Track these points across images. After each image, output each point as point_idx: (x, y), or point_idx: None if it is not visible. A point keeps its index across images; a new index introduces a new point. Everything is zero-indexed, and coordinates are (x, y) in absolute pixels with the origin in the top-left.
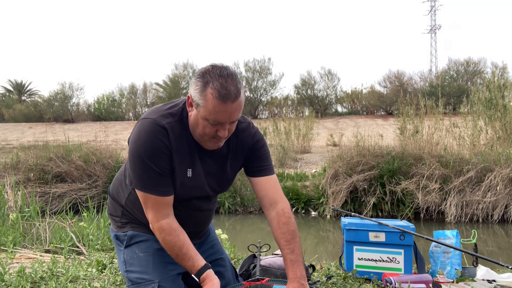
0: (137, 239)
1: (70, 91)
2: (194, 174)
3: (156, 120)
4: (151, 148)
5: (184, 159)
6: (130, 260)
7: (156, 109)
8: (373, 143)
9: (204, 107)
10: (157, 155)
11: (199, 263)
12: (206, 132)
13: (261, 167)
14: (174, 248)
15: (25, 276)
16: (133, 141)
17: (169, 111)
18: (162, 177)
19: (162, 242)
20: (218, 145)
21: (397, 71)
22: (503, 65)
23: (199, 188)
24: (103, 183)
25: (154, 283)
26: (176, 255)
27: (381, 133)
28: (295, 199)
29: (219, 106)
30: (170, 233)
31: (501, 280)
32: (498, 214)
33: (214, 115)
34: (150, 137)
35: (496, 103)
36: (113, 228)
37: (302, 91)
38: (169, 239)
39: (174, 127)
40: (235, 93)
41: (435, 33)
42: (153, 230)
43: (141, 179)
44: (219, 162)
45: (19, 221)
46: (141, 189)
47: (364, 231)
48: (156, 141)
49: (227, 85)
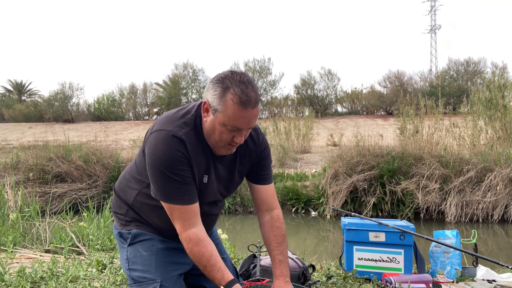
0: (141, 237)
1: (70, 91)
2: (209, 180)
3: (172, 132)
4: (170, 159)
5: (201, 167)
6: (133, 258)
7: (169, 118)
8: (373, 143)
9: (223, 112)
10: (176, 165)
11: (229, 275)
12: (222, 138)
13: (264, 175)
14: (202, 259)
15: (25, 276)
16: (151, 153)
17: (183, 120)
18: (185, 186)
19: (190, 253)
20: (231, 151)
21: (397, 71)
22: (503, 65)
23: (211, 193)
24: (103, 183)
25: (156, 282)
26: (204, 266)
27: (381, 133)
28: (295, 199)
29: (239, 112)
30: (198, 244)
31: (501, 280)
32: (498, 214)
33: (234, 121)
34: (168, 148)
35: (496, 103)
36: (117, 226)
37: (302, 91)
38: (197, 249)
39: (190, 137)
40: (255, 99)
41: (435, 33)
42: (181, 240)
43: (164, 191)
44: (228, 167)
45: (19, 221)
46: (165, 200)
47: (364, 231)
48: (174, 152)
49: (247, 91)
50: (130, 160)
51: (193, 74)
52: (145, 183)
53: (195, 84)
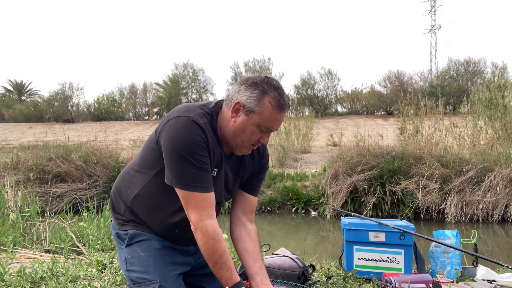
0: (138, 238)
1: (70, 91)
2: (218, 175)
3: (194, 118)
4: (191, 143)
5: (214, 159)
6: (131, 259)
7: (188, 107)
8: (373, 143)
9: (260, 114)
10: (197, 150)
11: (237, 277)
12: (252, 138)
13: (257, 187)
14: (215, 254)
15: (25, 276)
16: (171, 138)
17: (202, 111)
18: (204, 173)
19: (203, 246)
20: (249, 152)
21: (397, 71)
22: (503, 65)
23: (218, 189)
24: (103, 183)
25: (155, 283)
26: (215, 262)
27: (381, 133)
28: (295, 199)
29: (275, 115)
30: (214, 237)
31: (501, 280)
32: (498, 214)
33: (269, 123)
34: (189, 133)
35: (496, 103)
36: (115, 225)
37: (302, 91)
38: (212, 243)
39: (207, 127)
40: (289, 104)
41: (435, 33)
42: (195, 232)
43: (182, 176)
44: (234, 169)
45: (19, 221)
46: (183, 187)
47: (364, 231)
48: (195, 136)
49: (283, 96)
50: (130, 160)
51: (193, 74)
52: (150, 174)
53: (195, 84)
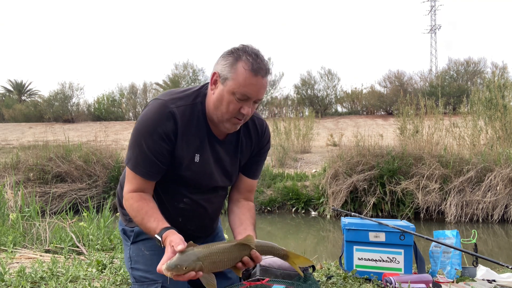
0: (143, 236)
1: (70, 91)
2: (202, 160)
3: (166, 102)
4: (151, 128)
5: (192, 144)
6: (135, 257)
7: (170, 92)
8: (373, 143)
9: (233, 80)
10: (153, 135)
11: (164, 223)
12: (230, 109)
13: (256, 170)
14: (140, 212)
15: (25, 276)
16: (139, 118)
17: (181, 94)
18: (148, 159)
19: (129, 208)
20: (236, 127)
21: (397, 71)
22: (503, 65)
23: (206, 175)
24: (103, 183)
25: (157, 283)
26: (142, 218)
27: (381, 133)
28: (295, 199)
29: (250, 79)
30: (139, 200)
31: (501, 280)
32: (498, 214)
33: (244, 88)
34: (154, 117)
35: (496, 103)
36: (122, 221)
37: (302, 91)
38: (137, 204)
39: (184, 111)
40: (266, 69)
41: (435, 33)
42: (124, 200)
43: (131, 154)
44: (230, 152)
45: (19, 221)
46: (129, 165)
47: (364, 231)
48: (157, 122)
49: (259, 60)
50: None
51: (193, 74)
52: None
53: (195, 84)
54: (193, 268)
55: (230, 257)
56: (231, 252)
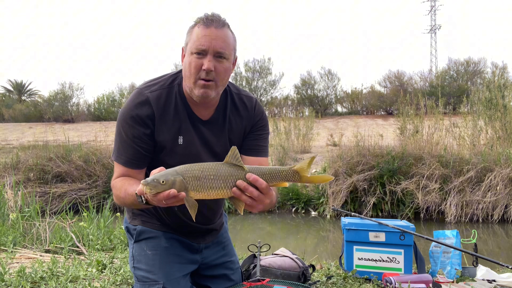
0: (146, 235)
1: (70, 91)
2: (186, 141)
3: (141, 90)
4: (127, 115)
5: (173, 127)
6: (138, 256)
7: (150, 79)
8: (373, 143)
9: (190, 40)
10: (130, 122)
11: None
12: (192, 69)
13: (259, 147)
14: (123, 186)
15: (25, 276)
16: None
17: (158, 80)
18: (128, 146)
19: (114, 191)
20: (207, 92)
21: (397, 71)
22: (503, 65)
23: (192, 156)
24: (103, 183)
25: (158, 284)
26: (125, 190)
27: (381, 133)
28: (295, 199)
29: (202, 31)
30: (122, 180)
31: (501, 280)
32: (498, 214)
33: (197, 42)
34: (129, 106)
35: (496, 103)
36: (127, 218)
37: (302, 91)
38: (120, 183)
39: (160, 96)
40: (220, 21)
41: (435, 33)
42: (112, 191)
43: (115, 148)
44: (217, 132)
45: (19, 221)
46: (114, 158)
47: (364, 231)
48: (133, 109)
49: (211, 15)
50: None
51: None
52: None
53: None
54: (173, 183)
55: (217, 175)
56: (217, 169)
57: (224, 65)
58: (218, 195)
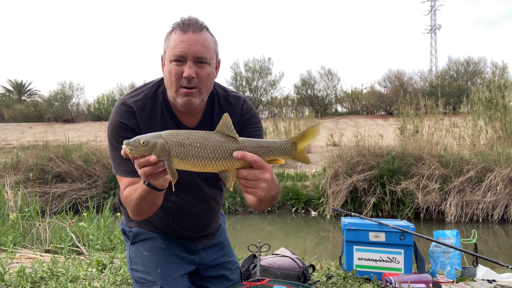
0: (141, 237)
1: (70, 91)
2: None
3: (125, 100)
4: (114, 127)
5: None
6: (134, 258)
7: (133, 89)
8: (373, 143)
9: (168, 47)
10: (120, 132)
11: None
12: (172, 77)
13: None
14: (131, 189)
15: (25, 276)
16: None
17: (142, 89)
18: (129, 158)
19: (126, 201)
20: (190, 100)
21: (397, 71)
22: (503, 65)
23: None
24: (103, 183)
25: (156, 284)
26: (135, 190)
27: (381, 133)
28: (295, 199)
29: (180, 37)
30: (131, 188)
31: (501, 280)
32: (498, 214)
33: (175, 49)
34: (114, 117)
35: (496, 103)
36: (123, 220)
37: (302, 91)
38: (129, 191)
39: (144, 105)
40: (197, 25)
41: (435, 33)
42: (124, 204)
43: (113, 161)
44: None
45: (19, 221)
46: (115, 171)
47: (364, 231)
48: (118, 119)
49: (188, 20)
50: None
51: None
52: None
53: None
54: (154, 145)
55: (204, 144)
56: (206, 137)
57: (206, 70)
58: (206, 166)
